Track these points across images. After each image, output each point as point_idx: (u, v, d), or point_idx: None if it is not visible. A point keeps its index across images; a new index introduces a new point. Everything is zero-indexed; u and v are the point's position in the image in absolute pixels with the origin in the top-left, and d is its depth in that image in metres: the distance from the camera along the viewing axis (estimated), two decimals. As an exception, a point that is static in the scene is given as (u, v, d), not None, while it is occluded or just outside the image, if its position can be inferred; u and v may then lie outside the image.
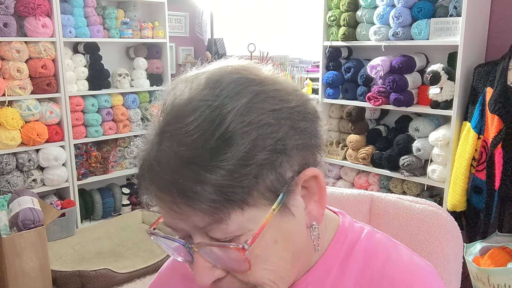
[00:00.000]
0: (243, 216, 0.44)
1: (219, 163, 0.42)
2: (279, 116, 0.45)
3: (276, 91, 0.47)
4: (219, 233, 0.45)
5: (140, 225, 3.23)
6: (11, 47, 2.68)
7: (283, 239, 0.48)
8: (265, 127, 0.44)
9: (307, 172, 0.48)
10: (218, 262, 0.47)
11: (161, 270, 0.70)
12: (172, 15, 3.85)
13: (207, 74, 0.48)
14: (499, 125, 1.97)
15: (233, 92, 0.45)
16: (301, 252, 0.52)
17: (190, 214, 0.44)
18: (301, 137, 0.47)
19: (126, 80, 3.36)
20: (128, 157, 3.51)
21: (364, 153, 2.61)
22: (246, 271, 0.47)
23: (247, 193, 0.43)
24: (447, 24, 2.19)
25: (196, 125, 0.43)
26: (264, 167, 0.44)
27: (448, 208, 2.20)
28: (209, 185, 0.42)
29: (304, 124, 0.48)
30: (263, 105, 0.45)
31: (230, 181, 0.42)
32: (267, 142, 0.44)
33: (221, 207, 0.43)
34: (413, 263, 0.55)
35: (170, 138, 0.44)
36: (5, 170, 2.75)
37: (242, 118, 0.43)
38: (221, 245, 0.45)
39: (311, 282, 0.55)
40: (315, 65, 3.04)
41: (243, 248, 0.44)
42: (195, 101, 0.45)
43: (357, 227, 0.60)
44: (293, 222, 0.48)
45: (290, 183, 0.47)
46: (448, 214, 0.74)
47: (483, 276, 1.83)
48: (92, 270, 2.39)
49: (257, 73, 0.49)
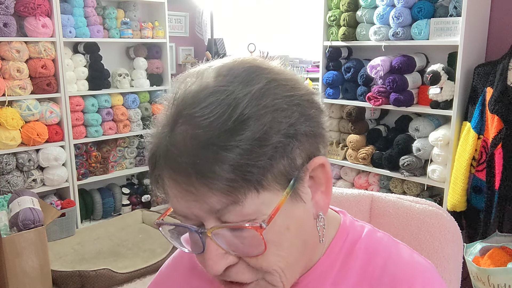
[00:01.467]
0: (258, 199, 0.45)
1: (237, 143, 0.43)
2: (291, 102, 0.47)
3: (286, 80, 0.49)
4: (234, 215, 0.45)
5: (140, 225, 3.23)
6: (11, 47, 2.68)
7: (294, 225, 0.49)
8: (279, 111, 0.46)
9: (316, 160, 0.49)
10: (232, 246, 0.47)
11: (162, 269, 0.71)
12: (172, 15, 3.85)
13: (217, 66, 0.49)
14: (499, 125, 1.97)
15: (247, 79, 0.46)
16: (309, 241, 0.52)
17: (207, 195, 0.44)
18: (311, 124, 0.48)
19: (126, 80, 3.36)
20: (128, 157, 3.51)
21: (364, 153, 2.61)
22: (261, 254, 0.46)
23: (262, 174, 0.44)
24: (447, 24, 2.19)
25: (212, 108, 0.44)
26: (278, 150, 0.45)
27: (448, 208, 2.20)
28: (226, 164, 0.43)
29: (313, 112, 0.49)
30: (276, 91, 0.47)
31: (248, 160, 0.43)
32: (281, 126, 0.45)
33: (238, 187, 0.43)
34: (413, 261, 0.56)
35: (186, 122, 0.45)
36: (5, 170, 2.75)
37: (257, 101, 0.45)
38: (237, 226, 0.45)
39: (313, 279, 0.56)
40: (315, 65, 3.04)
41: (260, 226, 0.45)
42: (210, 88, 0.46)
43: (358, 226, 0.60)
44: (303, 208, 0.49)
45: (300, 169, 0.48)
46: (448, 214, 0.74)
47: (483, 276, 1.83)
48: (92, 270, 2.39)
49: (268, 65, 0.51)
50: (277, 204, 0.46)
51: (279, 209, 0.46)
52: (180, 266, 0.67)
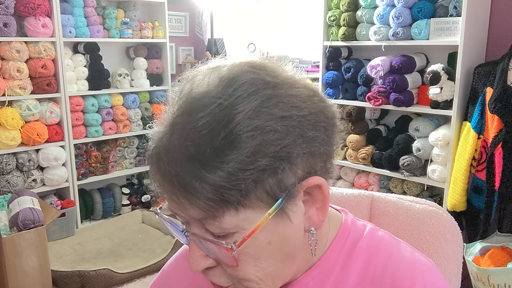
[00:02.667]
0: (237, 216, 0.45)
1: (220, 164, 0.43)
2: (288, 124, 0.45)
3: (289, 97, 0.47)
4: (214, 227, 0.46)
5: (140, 225, 3.23)
6: (11, 47, 2.68)
7: (277, 240, 0.48)
8: (271, 133, 0.44)
9: (311, 180, 0.48)
10: (210, 253, 0.49)
11: (164, 268, 0.71)
12: (172, 15, 3.85)
13: (225, 70, 0.48)
14: (499, 125, 1.97)
15: (245, 93, 0.45)
16: (297, 254, 0.52)
17: (187, 207, 0.45)
18: (309, 145, 0.47)
19: (126, 80, 3.36)
20: (128, 157, 3.51)
21: (364, 153, 2.61)
22: (234, 267, 0.48)
23: (243, 196, 0.44)
24: (447, 24, 2.19)
25: (205, 122, 0.44)
26: (265, 172, 0.44)
27: (448, 208, 2.20)
28: (207, 184, 0.43)
29: (313, 134, 0.47)
30: (273, 110, 0.45)
31: (228, 183, 0.43)
32: (270, 149, 0.44)
33: (216, 206, 0.44)
34: (414, 259, 0.56)
35: (179, 131, 0.45)
36: (5, 170, 2.75)
37: (249, 121, 0.43)
38: (213, 241, 0.47)
39: (314, 278, 0.56)
40: (315, 65, 3.04)
41: (231, 248, 0.45)
42: (208, 97, 0.45)
43: (360, 225, 0.60)
44: (290, 226, 0.48)
45: (291, 189, 0.47)
46: (448, 214, 0.74)
47: (483, 276, 1.83)
48: (92, 270, 2.39)
49: (275, 74, 0.48)
50: (258, 223, 0.46)
51: (256, 230, 0.46)
52: (182, 266, 0.67)
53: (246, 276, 0.49)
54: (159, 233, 3.06)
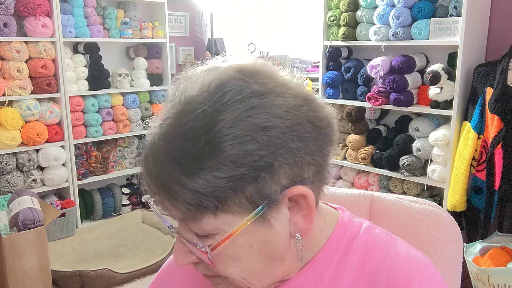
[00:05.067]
0: (215, 220, 0.46)
1: (198, 171, 0.44)
2: (270, 134, 0.45)
3: (274, 107, 0.46)
4: (195, 228, 0.48)
5: (140, 225, 3.23)
6: (11, 47, 2.68)
7: (259, 244, 0.49)
8: (251, 143, 0.44)
9: (294, 190, 0.47)
10: (192, 250, 0.51)
11: (163, 267, 0.71)
12: (172, 15, 3.85)
13: (216, 74, 0.48)
14: (499, 125, 1.97)
15: (230, 101, 0.45)
16: (285, 256, 0.52)
17: (169, 208, 0.47)
18: (293, 156, 0.46)
19: (126, 80, 3.36)
20: (128, 157, 3.51)
21: (364, 153, 2.61)
22: (212, 268, 0.50)
23: (221, 202, 0.45)
24: (447, 24, 2.19)
25: (189, 127, 0.45)
26: (244, 180, 0.44)
27: (448, 208, 2.20)
28: (185, 189, 0.44)
29: (298, 145, 0.46)
30: (255, 120, 0.45)
31: (205, 190, 0.44)
32: (249, 158, 0.44)
33: (194, 210, 0.45)
34: (411, 256, 0.56)
35: (166, 133, 0.47)
36: (5, 170, 2.75)
37: (229, 130, 0.44)
38: (190, 242, 0.49)
39: (310, 275, 0.56)
40: (315, 65, 3.04)
41: (205, 251, 0.47)
42: (195, 102, 0.46)
43: (357, 222, 0.61)
44: (271, 232, 0.48)
45: (273, 197, 0.47)
46: (448, 214, 0.74)
47: (483, 276, 1.83)
48: (92, 270, 2.39)
49: (265, 82, 0.48)
50: (236, 228, 0.46)
51: (234, 234, 0.46)
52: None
53: (229, 275, 0.50)
54: (159, 233, 3.06)
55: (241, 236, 0.47)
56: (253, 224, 0.47)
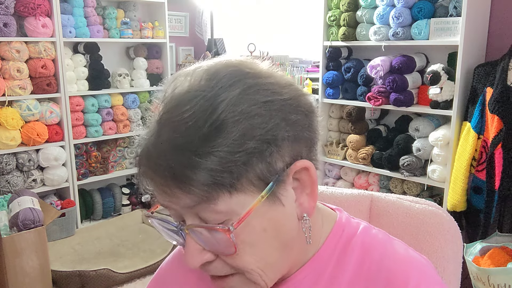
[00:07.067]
0: (230, 199, 0.46)
1: (210, 149, 0.44)
2: (271, 108, 0.47)
3: (269, 84, 0.49)
4: (208, 213, 0.47)
5: (140, 225, 3.23)
6: (11, 47, 2.68)
7: (272, 227, 0.49)
8: (255, 117, 0.46)
9: (298, 164, 0.50)
10: (207, 244, 0.49)
11: (162, 266, 0.71)
12: (172, 15, 3.85)
13: (205, 68, 0.50)
14: (499, 125, 1.97)
15: (227, 84, 0.47)
16: (293, 243, 0.53)
17: (181, 197, 0.47)
18: (293, 129, 0.49)
19: (126, 80, 3.36)
20: (128, 157, 3.51)
21: (364, 153, 2.61)
22: (232, 255, 0.49)
23: (235, 178, 0.45)
24: (447, 24, 2.19)
25: (191, 113, 0.46)
26: (254, 156, 0.46)
27: (448, 208, 2.20)
28: (199, 169, 0.44)
29: (295, 117, 0.49)
30: (255, 96, 0.47)
31: (220, 166, 0.44)
32: (256, 132, 0.46)
33: (210, 190, 0.45)
34: (409, 256, 0.57)
35: (167, 126, 0.47)
36: (5, 170, 2.75)
37: (233, 108, 0.46)
38: (209, 227, 0.48)
39: (309, 274, 0.56)
40: (315, 65, 3.04)
41: (228, 229, 0.46)
42: (192, 92, 0.47)
43: (354, 223, 0.61)
44: (282, 211, 0.50)
45: (280, 174, 0.48)
46: (448, 214, 0.74)
47: (483, 276, 1.83)
48: (92, 270, 2.39)
49: (252, 67, 0.51)
50: (251, 206, 0.47)
51: (250, 212, 0.47)
52: (180, 263, 0.68)
53: (247, 265, 0.50)
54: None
55: (255, 218, 0.47)
56: (265, 203, 0.48)
